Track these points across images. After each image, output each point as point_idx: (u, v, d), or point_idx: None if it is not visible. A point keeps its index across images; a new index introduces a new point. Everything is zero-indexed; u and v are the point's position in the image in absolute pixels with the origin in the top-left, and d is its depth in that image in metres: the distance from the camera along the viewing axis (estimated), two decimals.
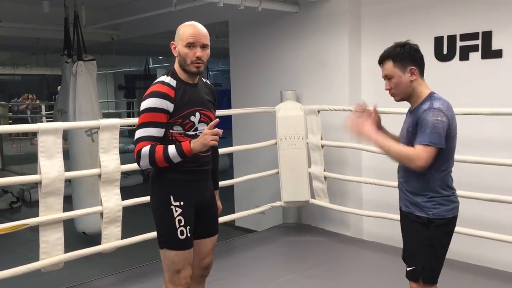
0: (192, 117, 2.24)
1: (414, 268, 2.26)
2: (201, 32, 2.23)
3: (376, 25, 4.42)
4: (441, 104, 2.18)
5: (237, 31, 5.42)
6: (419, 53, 2.27)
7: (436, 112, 2.13)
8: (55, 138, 3.12)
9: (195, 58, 2.20)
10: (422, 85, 2.28)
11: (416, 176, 2.21)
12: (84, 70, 4.76)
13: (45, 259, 3.19)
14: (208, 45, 2.24)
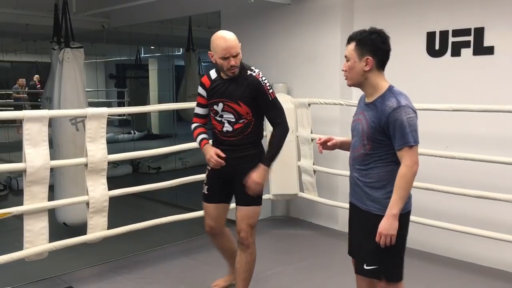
0: (215, 106, 2.81)
1: (376, 268, 2.20)
2: (232, 44, 2.68)
3: (368, 18, 4.39)
4: (406, 99, 2.15)
5: (229, 22, 5.36)
6: (385, 45, 2.18)
7: (406, 109, 2.10)
8: (41, 126, 3.07)
9: (230, 67, 2.68)
10: (379, 77, 2.20)
11: (378, 168, 2.15)
12: (71, 58, 4.66)
13: (29, 248, 3.15)
14: (238, 53, 2.69)
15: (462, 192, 3.57)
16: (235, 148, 2.81)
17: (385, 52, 2.18)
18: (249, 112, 2.76)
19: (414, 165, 2.09)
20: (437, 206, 3.94)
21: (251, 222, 2.84)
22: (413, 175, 2.10)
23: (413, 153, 2.09)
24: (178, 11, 5.91)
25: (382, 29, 2.19)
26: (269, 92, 2.74)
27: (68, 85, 4.64)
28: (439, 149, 3.75)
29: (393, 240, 2.08)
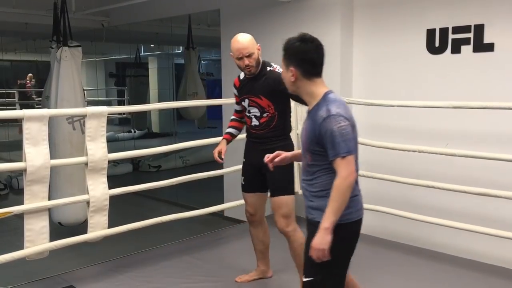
0: (243, 103, 3.09)
1: (311, 280, 2.10)
2: (244, 45, 2.91)
3: (368, 16, 4.39)
4: (338, 107, 2.00)
5: (228, 20, 5.36)
6: (308, 54, 2.05)
7: (337, 118, 1.96)
8: (41, 125, 3.07)
9: (245, 66, 2.93)
10: (312, 85, 2.09)
11: (321, 177, 2.07)
12: (69, 56, 4.66)
13: (29, 248, 3.15)
14: (252, 53, 2.90)
15: (462, 189, 3.57)
16: (264, 141, 3.01)
17: (309, 61, 2.06)
18: (270, 105, 2.94)
19: (349, 176, 1.96)
20: (437, 203, 3.94)
21: (284, 212, 2.95)
22: (348, 187, 1.97)
23: (347, 163, 1.96)
24: (177, 9, 5.90)
25: (311, 36, 2.08)
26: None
27: (66, 84, 4.63)
28: (440, 146, 3.75)
29: (325, 254, 1.98)
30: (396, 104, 3.94)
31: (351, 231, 2.11)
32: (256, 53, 2.90)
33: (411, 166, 4.06)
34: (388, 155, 4.12)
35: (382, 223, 4.27)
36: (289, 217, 2.97)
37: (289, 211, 2.98)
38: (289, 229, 2.97)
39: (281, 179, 2.98)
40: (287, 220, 2.97)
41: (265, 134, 3.02)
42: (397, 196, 4.16)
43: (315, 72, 2.09)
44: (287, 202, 2.97)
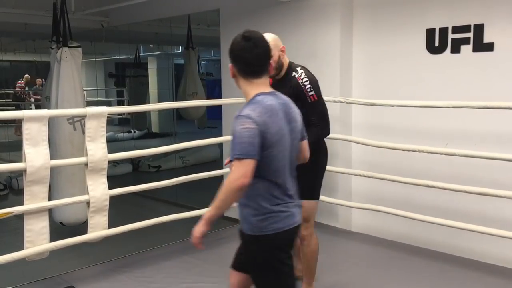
0: None
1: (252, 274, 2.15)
2: None
3: (368, 16, 4.39)
4: (252, 109, 1.92)
5: (228, 20, 5.36)
6: (242, 53, 1.98)
7: (243, 120, 1.89)
8: (41, 126, 3.07)
9: None
10: (247, 85, 2.02)
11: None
12: (69, 57, 4.66)
13: (30, 248, 3.15)
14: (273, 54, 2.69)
15: (462, 189, 3.57)
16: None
17: (243, 60, 1.99)
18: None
19: (238, 180, 1.86)
20: (437, 203, 3.94)
21: (304, 216, 2.82)
22: (236, 189, 1.88)
23: (241, 166, 1.86)
24: (177, 9, 5.90)
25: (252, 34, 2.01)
26: (309, 95, 2.78)
27: (66, 84, 4.64)
28: (439, 146, 3.75)
29: (197, 242, 2.02)
30: (396, 104, 3.94)
31: (268, 243, 2.02)
32: (276, 55, 2.79)
33: (411, 166, 4.06)
34: (388, 155, 4.12)
35: (382, 222, 4.27)
36: (307, 221, 2.92)
37: (308, 215, 2.92)
38: (305, 233, 2.94)
39: (304, 182, 2.83)
40: (305, 223, 2.89)
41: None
42: (397, 195, 4.16)
43: (250, 71, 2.00)
44: (307, 207, 2.88)
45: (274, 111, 1.97)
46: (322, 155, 3.01)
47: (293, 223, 2.07)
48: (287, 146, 2.03)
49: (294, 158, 2.12)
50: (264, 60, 2.02)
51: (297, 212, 2.10)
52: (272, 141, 1.94)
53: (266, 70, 2.04)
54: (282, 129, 1.99)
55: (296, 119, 2.10)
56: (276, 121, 1.97)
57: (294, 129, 2.08)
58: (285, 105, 2.06)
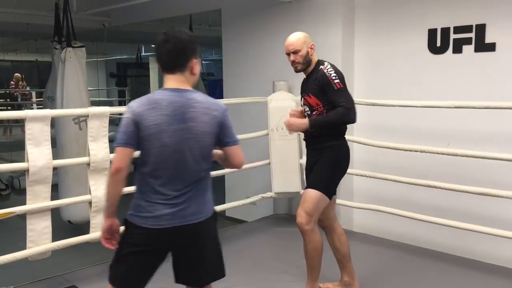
0: (301, 101, 3.02)
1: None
2: (289, 42, 2.90)
3: (370, 16, 4.39)
4: (137, 101, 2.00)
5: (230, 20, 5.37)
6: (158, 48, 2.01)
7: (126, 110, 2.00)
8: (43, 126, 3.07)
9: (291, 62, 2.92)
10: (164, 80, 2.06)
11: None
12: (73, 57, 4.68)
13: (32, 248, 3.16)
14: (298, 50, 2.86)
15: (463, 189, 3.57)
16: (313, 140, 2.95)
17: (157, 55, 2.03)
18: (319, 103, 2.85)
19: (113, 165, 2.00)
20: (438, 203, 3.94)
21: (306, 207, 2.82)
22: (111, 175, 2.00)
23: (116, 153, 2.00)
24: (179, 9, 5.91)
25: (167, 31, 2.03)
26: (335, 82, 2.78)
27: (71, 84, 4.66)
28: (441, 146, 3.75)
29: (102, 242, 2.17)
30: (397, 104, 3.94)
31: (134, 230, 2.05)
32: (304, 50, 2.85)
33: (413, 166, 4.06)
34: (390, 155, 4.12)
35: (384, 223, 4.27)
36: (311, 215, 2.82)
37: (313, 208, 2.82)
38: (306, 227, 2.82)
39: (316, 174, 2.89)
40: (308, 217, 2.81)
41: (315, 132, 2.90)
42: (399, 196, 4.16)
43: (161, 66, 2.04)
44: (313, 198, 2.82)
45: (159, 105, 1.96)
46: (344, 156, 2.94)
47: (156, 225, 2.00)
48: (172, 144, 1.96)
49: (195, 161, 2.01)
50: (174, 56, 2.00)
51: (167, 217, 1.99)
52: (147, 133, 1.96)
53: (179, 66, 2.01)
54: (161, 124, 1.95)
55: (197, 119, 1.98)
56: (156, 115, 1.95)
57: (191, 130, 1.98)
58: (185, 103, 1.98)
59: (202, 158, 2.04)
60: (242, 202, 4.53)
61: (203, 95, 2.07)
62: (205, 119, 2.00)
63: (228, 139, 2.09)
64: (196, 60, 2.05)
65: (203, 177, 2.07)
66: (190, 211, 2.03)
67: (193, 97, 2.02)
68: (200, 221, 2.06)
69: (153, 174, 2.01)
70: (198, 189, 2.05)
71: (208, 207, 2.10)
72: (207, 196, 2.11)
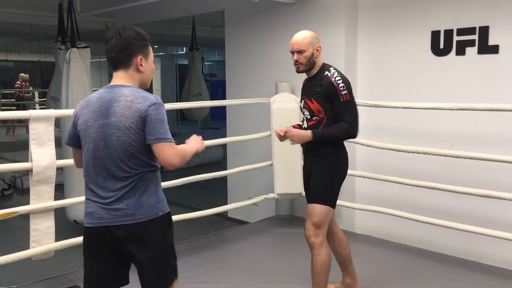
0: (301, 103, 2.94)
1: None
2: (295, 41, 2.81)
3: (373, 17, 4.40)
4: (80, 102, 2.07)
5: (233, 21, 5.38)
6: (106, 45, 2.02)
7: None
8: (47, 126, 3.09)
9: (294, 62, 2.83)
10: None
11: None
12: (78, 57, 4.70)
13: (35, 248, 3.17)
14: (302, 50, 2.77)
15: (466, 191, 3.57)
16: (311, 147, 2.85)
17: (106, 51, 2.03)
18: (321, 110, 2.76)
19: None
20: (440, 205, 3.94)
21: (314, 221, 2.76)
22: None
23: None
24: (182, 11, 5.92)
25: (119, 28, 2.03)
26: (342, 93, 2.70)
27: (76, 85, 4.68)
28: (444, 148, 3.75)
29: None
30: (400, 106, 3.94)
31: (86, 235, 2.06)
32: (309, 52, 2.77)
33: (415, 168, 4.06)
34: (392, 156, 4.12)
35: (386, 224, 4.27)
36: (319, 228, 2.76)
37: (321, 221, 2.76)
38: (315, 240, 2.76)
39: (318, 186, 2.81)
40: (316, 230, 2.76)
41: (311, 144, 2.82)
42: (401, 197, 4.16)
43: (109, 64, 2.06)
44: (319, 212, 2.76)
45: (89, 103, 2.00)
46: (342, 163, 2.87)
47: (93, 223, 1.99)
48: (97, 140, 1.95)
49: (119, 158, 1.94)
50: (116, 53, 1.99)
51: (99, 214, 1.97)
52: (80, 131, 2.01)
53: (121, 63, 2.00)
54: (88, 120, 1.97)
55: (117, 114, 1.91)
56: (86, 112, 1.99)
57: (112, 125, 1.92)
58: (111, 99, 1.95)
59: (128, 155, 1.93)
60: (244, 203, 4.54)
61: (134, 90, 1.97)
62: (126, 113, 1.90)
63: (149, 135, 1.91)
64: (142, 57, 2.00)
65: (136, 176, 1.96)
66: (121, 212, 1.95)
67: (121, 92, 1.95)
68: (132, 223, 1.95)
69: (86, 171, 2.02)
70: (131, 189, 1.95)
71: (144, 209, 1.97)
72: (144, 198, 1.97)
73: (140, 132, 1.92)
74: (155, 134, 1.91)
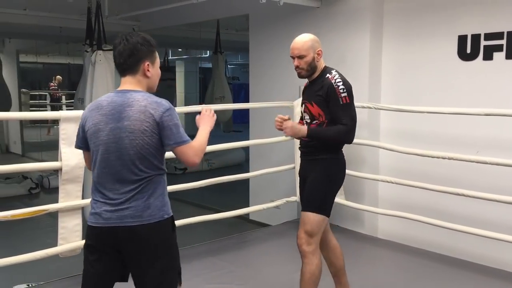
0: (301, 108, 2.88)
1: None
2: (295, 46, 2.75)
3: (398, 22, 4.37)
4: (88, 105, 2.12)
5: (257, 25, 5.41)
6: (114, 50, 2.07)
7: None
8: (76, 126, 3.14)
9: (295, 67, 2.77)
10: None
11: None
12: (103, 60, 4.80)
13: (63, 245, 3.25)
14: (303, 55, 2.71)
15: (492, 198, 3.51)
16: (309, 150, 2.80)
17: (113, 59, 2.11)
18: (321, 113, 2.70)
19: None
20: (466, 211, 3.89)
21: (307, 229, 2.68)
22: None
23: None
24: (207, 14, 5.98)
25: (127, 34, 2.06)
26: (341, 96, 2.64)
27: (100, 86, 4.77)
28: (470, 153, 3.70)
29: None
30: (425, 110, 3.91)
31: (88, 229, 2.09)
32: (309, 56, 2.70)
33: (440, 173, 4.01)
34: (417, 161, 4.08)
35: (409, 230, 4.23)
36: (311, 236, 2.68)
37: (313, 229, 2.68)
38: (306, 249, 2.67)
39: (313, 194, 2.73)
40: (308, 238, 2.67)
41: (310, 143, 2.77)
42: (425, 203, 4.12)
43: (117, 70, 2.10)
44: (312, 220, 2.68)
45: (99, 106, 2.03)
46: (338, 170, 2.80)
47: (99, 223, 2.02)
48: (108, 142, 1.98)
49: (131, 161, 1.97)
50: (124, 59, 2.02)
51: (107, 215, 1.99)
52: (88, 133, 2.04)
53: (129, 68, 2.04)
54: (99, 123, 2.00)
55: (131, 118, 1.96)
56: (95, 115, 2.02)
57: (126, 128, 1.96)
58: (123, 103, 1.99)
59: (140, 158, 1.97)
60: (265, 205, 4.55)
61: (146, 95, 2.02)
62: (140, 117, 1.95)
63: (167, 140, 1.98)
64: (149, 62, 2.04)
65: (146, 179, 2.00)
66: (128, 213, 1.98)
67: (133, 96, 2.00)
68: (138, 225, 1.98)
69: (95, 173, 2.06)
70: (140, 192, 1.99)
71: (151, 212, 2.00)
72: (151, 200, 2.01)
73: (154, 136, 1.97)
74: (173, 139, 1.98)
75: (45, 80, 12.82)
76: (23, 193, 7.11)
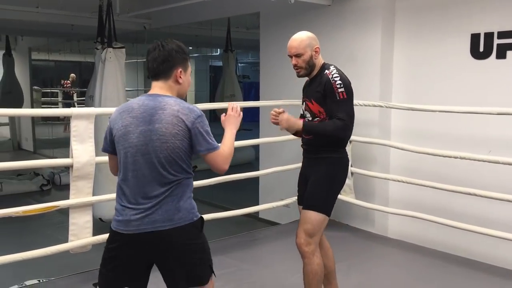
0: (302, 105, 2.85)
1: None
2: (292, 45, 2.73)
3: (410, 20, 4.34)
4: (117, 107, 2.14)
5: (268, 23, 5.40)
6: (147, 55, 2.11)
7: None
8: (88, 123, 3.19)
9: (293, 66, 2.74)
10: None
11: None
12: (113, 57, 4.81)
13: (73, 241, 3.27)
14: (300, 54, 2.69)
15: (505, 198, 3.47)
16: (311, 149, 2.78)
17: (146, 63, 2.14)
18: (321, 110, 2.66)
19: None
20: (478, 211, 3.85)
21: (307, 228, 2.64)
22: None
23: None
24: (218, 12, 5.99)
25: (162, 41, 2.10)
26: (338, 91, 2.57)
27: (109, 84, 4.79)
28: (482, 153, 3.66)
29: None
30: (437, 109, 3.87)
31: (111, 234, 2.09)
32: (307, 55, 2.67)
33: (451, 173, 3.98)
34: (428, 160, 4.05)
35: (420, 229, 4.20)
36: (311, 236, 2.64)
37: (314, 229, 2.64)
38: (306, 249, 2.64)
39: (315, 192, 2.69)
40: (308, 238, 2.64)
41: (313, 141, 2.73)
42: (436, 202, 4.08)
43: (148, 74, 2.13)
44: (313, 219, 2.64)
45: (129, 108, 2.04)
46: (341, 169, 2.75)
47: (125, 230, 2.00)
48: (138, 145, 1.98)
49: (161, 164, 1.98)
50: (158, 64, 2.06)
51: (136, 222, 1.98)
52: (117, 136, 2.03)
53: (162, 74, 2.07)
54: (129, 125, 2.00)
55: (163, 121, 1.97)
56: (125, 117, 2.03)
57: (157, 131, 1.97)
58: (155, 106, 2.00)
59: (170, 161, 1.98)
60: (275, 204, 4.55)
61: (178, 100, 2.04)
62: (172, 121, 1.97)
63: (199, 147, 2.02)
64: (182, 69, 2.07)
65: (175, 182, 2.01)
66: (159, 217, 1.97)
67: (166, 101, 2.01)
68: (170, 228, 1.98)
69: (123, 177, 2.04)
70: (170, 195, 1.99)
71: (181, 215, 2.01)
72: (181, 203, 2.02)
73: (185, 140, 1.99)
74: (204, 145, 2.02)
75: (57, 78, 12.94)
76: (34, 190, 7.19)
